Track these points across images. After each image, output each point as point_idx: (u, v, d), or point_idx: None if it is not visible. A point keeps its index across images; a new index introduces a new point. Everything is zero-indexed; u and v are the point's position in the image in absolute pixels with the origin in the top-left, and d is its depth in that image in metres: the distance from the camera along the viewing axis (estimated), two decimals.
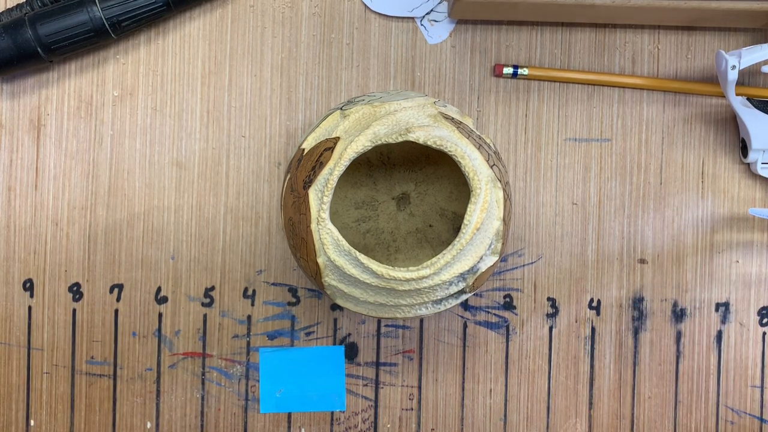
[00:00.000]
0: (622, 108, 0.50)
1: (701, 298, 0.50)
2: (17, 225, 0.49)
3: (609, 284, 0.50)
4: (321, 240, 0.37)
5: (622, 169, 0.50)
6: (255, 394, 0.49)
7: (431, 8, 0.49)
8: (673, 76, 0.50)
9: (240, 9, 0.49)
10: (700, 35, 0.50)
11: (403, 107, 0.39)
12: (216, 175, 0.49)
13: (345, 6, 0.49)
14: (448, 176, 0.47)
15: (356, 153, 0.37)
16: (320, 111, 0.49)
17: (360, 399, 0.49)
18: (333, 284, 0.39)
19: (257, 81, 0.49)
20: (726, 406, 0.50)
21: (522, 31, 0.50)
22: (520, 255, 0.50)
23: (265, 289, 0.49)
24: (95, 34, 0.46)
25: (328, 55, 0.49)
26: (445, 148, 0.36)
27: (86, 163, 0.49)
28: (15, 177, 0.49)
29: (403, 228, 0.47)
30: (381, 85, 0.49)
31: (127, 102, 0.49)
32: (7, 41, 0.45)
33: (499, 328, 0.50)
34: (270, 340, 0.49)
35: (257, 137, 0.49)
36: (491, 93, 0.50)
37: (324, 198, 0.37)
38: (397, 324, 0.49)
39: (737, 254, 0.50)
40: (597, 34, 0.50)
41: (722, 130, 0.50)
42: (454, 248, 0.36)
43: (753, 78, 0.50)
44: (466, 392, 0.50)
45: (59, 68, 0.48)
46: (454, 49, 0.49)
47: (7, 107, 0.48)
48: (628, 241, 0.50)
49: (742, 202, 0.50)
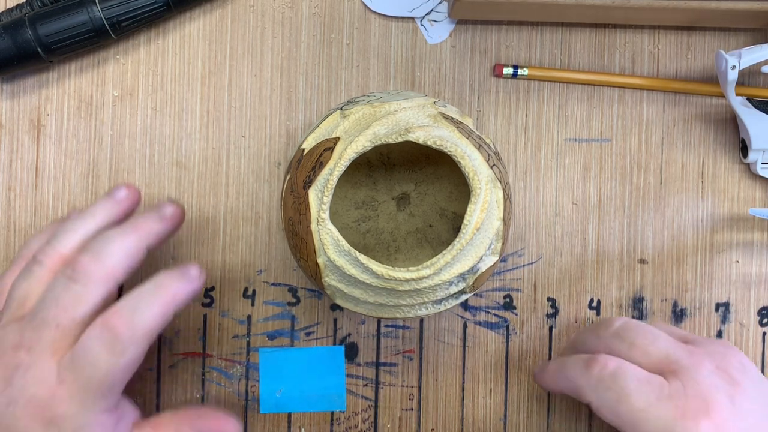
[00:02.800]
0: (622, 108, 0.50)
1: (701, 298, 0.50)
2: (17, 225, 0.49)
3: (609, 284, 0.50)
4: (321, 240, 0.37)
5: (622, 169, 0.50)
6: (255, 394, 0.49)
7: (431, 8, 0.49)
8: (673, 76, 0.50)
9: (240, 9, 0.49)
10: (700, 35, 0.50)
11: (403, 107, 0.39)
12: (216, 175, 0.49)
13: (345, 6, 0.49)
14: (448, 176, 0.47)
15: (356, 153, 0.37)
16: (320, 111, 0.49)
17: (360, 399, 0.49)
18: (333, 284, 0.39)
19: (257, 81, 0.49)
20: None
21: (522, 31, 0.50)
22: (520, 255, 0.50)
23: (265, 289, 0.49)
24: (95, 34, 0.46)
25: (328, 55, 0.49)
26: (445, 148, 0.36)
27: (86, 163, 0.49)
28: (15, 177, 0.49)
29: (403, 228, 0.47)
30: (381, 85, 0.49)
31: (127, 102, 0.49)
32: (7, 41, 0.45)
33: (499, 328, 0.50)
34: (270, 340, 0.49)
35: (257, 137, 0.49)
36: (491, 93, 0.50)
37: (324, 198, 0.37)
38: (397, 324, 0.49)
39: (737, 254, 0.50)
40: (597, 34, 0.50)
41: (722, 130, 0.50)
42: (454, 248, 0.36)
43: (753, 78, 0.50)
44: (466, 392, 0.50)
45: (59, 68, 0.49)
46: (454, 49, 0.49)
47: (7, 107, 0.48)
48: (628, 241, 0.50)
49: (742, 202, 0.50)
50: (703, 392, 0.38)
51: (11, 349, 0.37)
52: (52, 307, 0.37)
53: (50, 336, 0.37)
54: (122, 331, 0.36)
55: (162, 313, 0.37)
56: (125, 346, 0.36)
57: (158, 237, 0.40)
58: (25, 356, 0.36)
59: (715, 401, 0.38)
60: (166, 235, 0.41)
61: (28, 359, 0.36)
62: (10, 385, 0.36)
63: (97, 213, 0.41)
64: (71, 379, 0.36)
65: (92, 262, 0.38)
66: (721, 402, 0.38)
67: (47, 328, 0.37)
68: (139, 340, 0.36)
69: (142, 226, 0.40)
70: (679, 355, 0.40)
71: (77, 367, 0.36)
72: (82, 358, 0.36)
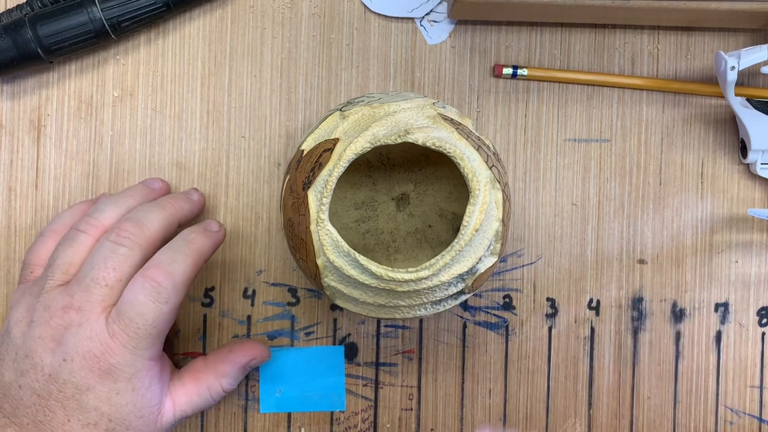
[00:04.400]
0: (622, 108, 0.50)
1: (700, 298, 0.50)
2: (17, 225, 0.49)
3: (608, 285, 0.50)
4: (320, 241, 0.37)
5: (622, 169, 0.50)
6: (255, 394, 0.49)
7: (431, 9, 0.49)
8: (672, 76, 0.50)
9: (240, 9, 0.49)
10: (699, 36, 0.50)
11: (402, 108, 0.39)
12: (216, 175, 0.49)
13: (345, 6, 0.49)
14: (448, 177, 0.47)
15: (355, 154, 0.37)
16: (320, 111, 0.49)
17: (360, 399, 0.49)
18: (332, 285, 0.39)
19: (257, 81, 0.49)
20: (725, 406, 0.50)
21: (522, 31, 0.50)
22: (520, 255, 0.50)
23: (265, 289, 0.49)
24: (95, 34, 0.46)
25: (328, 55, 0.49)
26: (444, 149, 0.37)
27: (86, 163, 0.49)
28: (15, 177, 0.49)
29: (403, 228, 0.47)
30: (381, 85, 0.49)
31: (127, 102, 0.49)
32: (7, 42, 0.45)
33: (498, 328, 0.50)
34: (270, 340, 0.49)
35: (257, 138, 0.49)
36: (491, 93, 0.50)
37: (323, 199, 0.37)
38: (397, 324, 0.49)
39: (736, 255, 0.50)
40: (597, 35, 0.50)
41: (722, 131, 0.50)
42: (453, 249, 0.36)
43: (752, 79, 0.50)
44: (465, 392, 0.50)
45: (59, 69, 0.49)
46: (454, 49, 0.49)
47: (8, 108, 0.49)
48: (628, 241, 0.50)
49: (742, 202, 0.50)
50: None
51: (61, 310, 0.40)
52: (101, 268, 0.40)
53: (100, 295, 0.40)
54: (163, 281, 0.40)
55: (194, 263, 0.41)
56: (169, 295, 0.40)
57: (187, 216, 0.45)
58: (76, 315, 0.40)
59: None
60: (192, 216, 0.46)
61: (79, 318, 0.40)
62: (62, 344, 0.39)
63: (134, 194, 0.45)
64: (120, 329, 0.39)
65: (135, 227, 0.41)
66: None
67: (97, 287, 0.40)
68: (179, 288, 0.40)
69: (174, 203, 0.44)
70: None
71: (125, 318, 0.39)
72: (129, 309, 0.39)
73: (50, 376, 0.40)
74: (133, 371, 0.40)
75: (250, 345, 0.46)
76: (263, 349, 0.46)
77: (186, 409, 0.43)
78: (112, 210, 0.44)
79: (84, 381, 0.39)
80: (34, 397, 0.40)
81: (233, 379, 0.45)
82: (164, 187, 0.47)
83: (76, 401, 0.40)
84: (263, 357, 0.46)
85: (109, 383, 0.40)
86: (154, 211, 0.43)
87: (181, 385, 0.44)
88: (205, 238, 0.42)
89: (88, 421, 0.40)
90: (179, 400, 0.43)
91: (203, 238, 0.42)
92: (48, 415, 0.40)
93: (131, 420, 0.41)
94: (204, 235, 0.43)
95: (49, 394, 0.40)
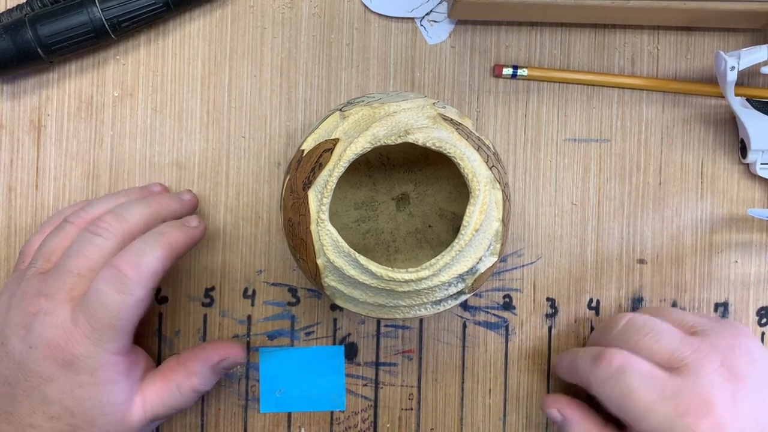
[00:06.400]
0: (622, 108, 0.50)
1: (700, 298, 0.50)
2: (18, 225, 0.49)
3: (608, 284, 0.50)
4: (320, 241, 0.37)
5: (622, 169, 0.50)
6: (255, 394, 0.49)
7: (431, 8, 0.49)
8: (672, 76, 0.50)
9: (240, 9, 0.49)
10: (699, 36, 0.50)
11: (402, 108, 0.39)
12: (216, 175, 0.49)
13: (345, 6, 0.49)
14: (448, 177, 0.47)
15: (355, 155, 0.37)
16: (320, 111, 0.49)
17: (360, 399, 0.49)
18: (332, 285, 0.39)
19: (257, 81, 0.49)
20: None
21: (522, 31, 0.50)
22: (520, 255, 0.50)
23: (265, 289, 0.49)
24: (95, 34, 0.46)
25: (328, 55, 0.49)
26: (444, 149, 0.37)
27: (86, 163, 0.49)
28: (15, 177, 0.49)
29: (403, 228, 0.47)
30: (381, 85, 0.49)
31: (127, 102, 0.49)
32: (7, 42, 0.45)
33: (498, 328, 0.50)
34: (270, 340, 0.49)
35: (257, 137, 0.49)
36: (491, 93, 0.50)
37: (323, 199, 0.37)
38: (397, 324, 0.49)
39: (736, 255, 0.50)
40: (597, 35, 0.50)
41: (721, 131, 0.50)
42: (453, 250, 0.36)
43: (752, 79, 0.51)
44: (465, 392, 0.50)
45: (59, 69, 0.49)
46: (454, 49, 0.49)
47: (8, 108, 0.49)
48: (628, 241, 0.50)
49: (741, 202, 0.50)
50: (705, 391, 0.39)
51: (33, 297, 0.40)
52: (74, 257, 0.40)
53: (70, 283, 0.40)
54: (128, 272, 0.39)
55: (164, 256, 0.40)
56: (132, 286, 0.39)
57: (173, 214, 0.44)
58: (45, 303, 0.39)
59: (716, 400, 0.38)
60: (179, 215, 0.45)
61: (47, 305, 0.39)
62: (30, 331, 0.39)
63: (129, 194, 0.45)
64: (84, 319, 0.39)
65: (114, 219, 0.41)
66: (722, 401, 0.38)
67: (68, 275, 0.40)
68: (145, 280, 0.39)
69: (161, 201, 0.44)
70: (683, 352, 0.40)
71: (89, 308, 0.39)
72: (93, 299, 0.39)
73: (19, 364, 0.39)
74: (96, 364, 0.39)
75: (223, 344, 0.45)
76: (238, 350, 0.45)
77: (157, 408, 0.42)
78: (103, 205, 0.44)
79: (47, 371, 0.38)
80: (6, 386, 0.39)
81: (204, 379, 0.44)
82: (162, 191, 0.47)
83: (40, 392, 0.39)
84: (237, 358, 0.45)
85: (71, 375, 0.39)
86: (137, 206, 0.42)
87: (152, 383, 0.42)
88: (179, 232, 0.42)
89: (51, 414, 0.39)
90: (149, 398, 0.42)
91: (177, 232, 0.42)
92: (16, 406, 0.39)
93: (94, 416, 0.39)
94: (179, 230, 0.42)
95: (17, 383, 0.39)
